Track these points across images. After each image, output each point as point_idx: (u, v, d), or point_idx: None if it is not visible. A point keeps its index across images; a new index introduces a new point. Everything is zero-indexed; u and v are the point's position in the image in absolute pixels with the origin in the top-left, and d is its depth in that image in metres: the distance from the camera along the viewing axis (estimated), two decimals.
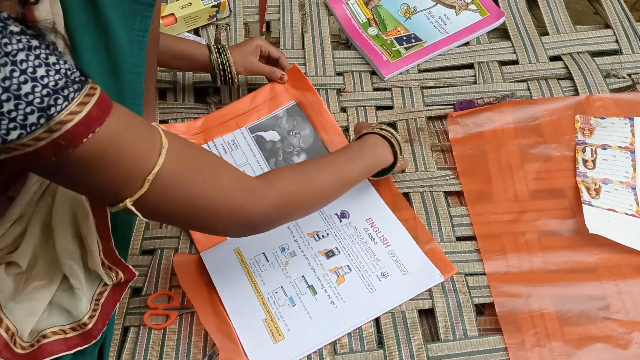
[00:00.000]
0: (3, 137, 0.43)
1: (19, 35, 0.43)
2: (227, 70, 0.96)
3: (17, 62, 0.43)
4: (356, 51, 1.11)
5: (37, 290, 0.68)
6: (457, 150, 0.96)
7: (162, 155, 0.53)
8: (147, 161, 0.52)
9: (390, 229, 0.87)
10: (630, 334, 0.77)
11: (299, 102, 1.00)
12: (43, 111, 0.44)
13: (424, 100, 1.04)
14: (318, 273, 0.83)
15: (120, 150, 0.50)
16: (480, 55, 1.09)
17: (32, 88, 0.43)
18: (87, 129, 0.47)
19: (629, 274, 0.82)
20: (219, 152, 0.97)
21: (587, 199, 0.88)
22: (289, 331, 0.77)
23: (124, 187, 0.52)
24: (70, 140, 0.46)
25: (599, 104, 1.00)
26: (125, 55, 0.66)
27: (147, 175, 0.52)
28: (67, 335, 0.68)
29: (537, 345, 0.75)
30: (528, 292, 0.80)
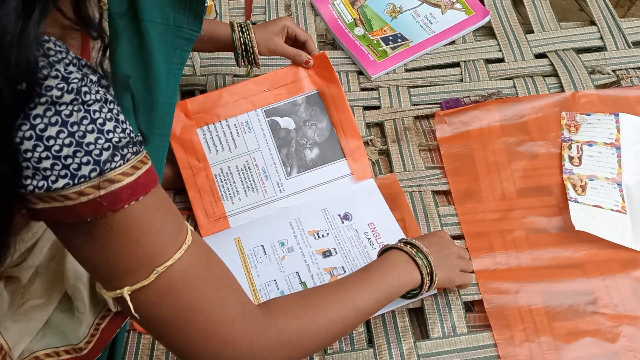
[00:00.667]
0: (50, 183, 0.41)
1: (96, 86, 0.43)
2: (249, 50, 0.92)
3: (90, 112, 0.42)
4: (343, 51, 1.11)
5: (35, 309, 0.66)
6: (445, 149, 0.97)
7: (181, 250, 0.48)
8: (164, 251, 0.47)
9: (391, 237, 0.85)
10: (618, 327, 0.77)
11: (320, 92, 0.96)
12: (97, 165, 0.42)
13: (411, 99, 1.04)
14: (312, 271, 0.83)
15: (146, 228, 0.46)
16: (466, 54, 1.10)
17: (96, 139, 0.42)
18: (132, 195, 0.44)
19: (616, 269, 0.83)
20: (232, 133, 0.92)
21: (573, 196, 0.89)
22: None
23: (129, 273, 0.47)
24: (113, 202, 0.43)
25: (584, 100, 1.01)
26: (162, 88, 0.66)
27: (157, 266, 0.47)
28: (59, 357, 0.66)
29: (526, 341, 0.76)
30: (516, 289, 0.80)
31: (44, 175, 0.41)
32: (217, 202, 0.89)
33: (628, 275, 0.82)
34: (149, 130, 0.67)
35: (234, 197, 0.90)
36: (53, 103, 0.40)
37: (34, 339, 0.66)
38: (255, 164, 0.91)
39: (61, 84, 0.40)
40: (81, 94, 0.41)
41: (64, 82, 0.40)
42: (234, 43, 0.92)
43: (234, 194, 0.90)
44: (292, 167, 0.92)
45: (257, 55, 0.92)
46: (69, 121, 0.41)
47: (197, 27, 0.68)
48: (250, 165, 0.91)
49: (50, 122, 0.40)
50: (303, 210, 0.90)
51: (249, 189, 0.90)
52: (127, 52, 0.62)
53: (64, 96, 0.40)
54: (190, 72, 1.08)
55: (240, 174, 0.91)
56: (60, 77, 0.40)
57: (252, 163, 0.91)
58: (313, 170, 0.92)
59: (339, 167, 0.93)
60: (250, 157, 0.92)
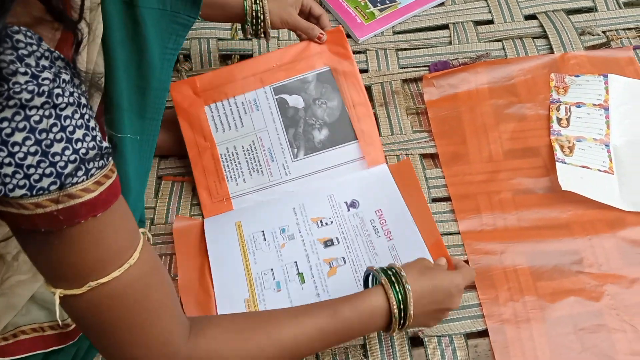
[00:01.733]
0: (7, 190, 0.39)
1: (71, 86, 0.40)
2: (260, 19, 0.86)
3: (61, 118, 0.40)
4: (330, 14, 1.09)
5: (20, 284, 0.64)
6: (432, 112, 0.96)
7: (121, 270, 0.46)
8: (103, 268, 0.46)
9: (398, 222, 0.81)
10: (602, 286, 0.78)
11: (332, 69, 0.91)
12: (59, 178, 0.40)
13: (399, 62, 1.03)
14: (311, 261, 0.79)
15: (93, 244, 0.45)
16: (455, 16, 1.08)
17: (63, 150, 0.40)
18: (90, 211, 0.43)
19: (602, 229, 0.83)
20: (239, 111, 0.89)
21: (560, 157, 0.88)
22: None
23: (65, 279, 0.46)
24: (69, 217, 0.42)
25: (573, 62, 1.00)
26: (155, 73, 0.64)
27: (92, 281, 0.46)
28: (44, 333, 0.65)
29: (510, 300, 0.77)
30: (502, 249, 0.81)
31: (2, 181, 0.39)
32: (222, 183, 0.87)
33: (614, 235, 0.82)
34: (141, 115, 0.66)
35: (239, 178, 0.87)
36: (22, 107, 0.38)
37: (18, 314, 0.64)
38: (261, 144, 0.88)
39: (31, 86, 0.38)
40: (53, 96, 0.39)
41: (35, 83, 0.38)
42: (244, 11, 0.86)
43: (238, 175, 0.87)
44: (299, 148, 0.88)
45: (268, 25, 0.87)
46: (38, 128, 0.39)
47: (194, 13, 0.66)
48: (257, 145, 0.88)
49: (17, 128, 0.38)
50: (308, 195, 0.86)
51: (253, 171, 0.87)
52: (121, 37, 0.60)
53: (34, 99, 0.38)
54: None
55: (246, 154, 0.88)
56: (29, 74, 0.38)
57: (259, 143, 0.88)
58: (321, 152, 0.88)
59: (349, 150, 0.88)
60: (256, 136, 0.89)
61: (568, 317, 0.75)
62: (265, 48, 1.03)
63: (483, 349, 0.73)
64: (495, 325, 0.75)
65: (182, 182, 0.90)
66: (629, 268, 0.79)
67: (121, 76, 0.61)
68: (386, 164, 0.88)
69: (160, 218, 0.86)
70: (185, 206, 0.87)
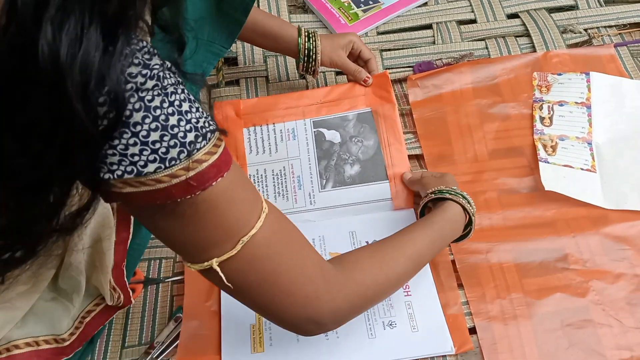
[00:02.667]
0: (139, 168, 0.42)
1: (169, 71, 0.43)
2: (312, 57, 0.90)
3: (168, 94, 0.42)
4: (314, 15, 1.10)
5: (20, 296, 0.63)
6: (417, 113, 0.96)
7: (262, 219, 0.50)
8: (247, 222, 0.49)
9: (418, 277, 0.75)
10: (588, 282, 0.79)
11: (374, 111, 0.92)
12: (184, 147, 0.43)
13: (384, 63, 1.03)
14: None
15: (230, 203, 0.48)
16: (438, 16, 1.09)
17: (178, 121, 0.42)
18: (218, 172, 0.45)
19: (586, 226, 0.84)
20: (276, 137, 0.91)
21: (543, 156, 0.89)
22: (270, 346, 0.72)
23: (216, 245, 0.49)
24: (201, 181, 0.44)
25: (556, 60, 1.01)
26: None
27: (243, 236, 0.49)
28: (39, 347, 0.64)
29: (497, 298, 0.77)
30: (488, 248, 0.82)
31: (131, 161, 0.41)
32: None
33: (598, 232, 0.83)
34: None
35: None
36: (137, 90, 0.40)
37: (14, 327, 0.64)
38: (291, 171, 0.88)
39: (144, 71, 0.41)
40: (161, 79, 0.42)
41: (147, 69, 0.41)
42: (297, 47, 0.90)
43: (263, 195, 0.86)
44: (328, 180, 0.87)
45: (318, 63, 0.91)
46: (152, 106, 0.41)
47: (228, 44, 0.69)
48: (286, 172, 0.88)
49: (134, 109, 0.40)
50: (330, 228, 0.84)
51: (279, 195, 0.87)
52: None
53: (147, 82, 0.41)
54: None
55: (275, 178, 0.88)
56: (142, 64, 0.40)
57: (289, 169, 0.88)
58: (350, 187, 0.86)
59: (379, 188, 0.86)
60: (288, 163, 0.89)
61: (554, 313, 0.77)
62: (251, 53, 1.03)
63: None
64: (483, 323, 0.76)
65: None
66: (613, 264, 0.81)
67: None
68: (414, 209, 0.85)
69: None
70: None
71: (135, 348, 0.74)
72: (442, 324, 0.74)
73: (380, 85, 0.94)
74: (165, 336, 0.73)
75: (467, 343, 0.73)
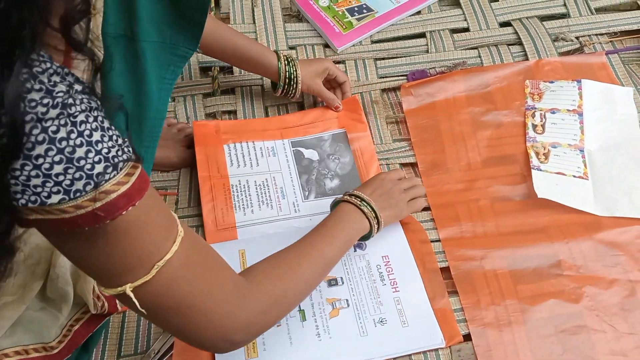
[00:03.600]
0: (43, 199, 0.41)
1: (80, 95, 0.41)
2: (292, 85, 0.94)
3: (77, 124, 0.41)
4: (308, 24, 1.10)
5: (7, 306, 0.64)
6: (411, 121, 0.97)
7: (177, 242, 0.50)
8: (162, 246, 0.49)
9: (404, 274, 0.80)
10: (582, 288, 0.80)
11: (347, 131, 0.96)
12: (91, 179, 0.42)
13: (378, 72, 1.04)
14: (314, 299, 0.77)
15: (142, 229, 0.47)
16: (431, 24, 1.10)
17: (86, 153, 0.41)
18: (129, 202, 0.45)
19: (579, 232, 0.85)
20: (257, 154, 0.93)
21: (536, 164, 0.90)
22: (264, 351, 0.73)
23: (130, 271, 0.48)
24: (110, 211, 0.44)
25: (548, 68, 1.02)
26: (153, 103, 0.67)
27: (157, 261, 0.49)
28: (28, 355, 0.64)
29: (492, 304, 0.78)
30: (482, 255, 0.82)
31: (34, 191, 0.40)
32: (229, 211, 0.86)
33: (590, 238, 0.84)
34: (137, 143, 0.67)
35: (247, 208, 0.87)
36: (39, 120, 0.39)
37: (3, 336, 0.64)
38: (274, 183, 0.90)
39: (46, 99, 0.39)
40: (67, 107, 0.40)
41: (49, 97, 0.39)
42: (277, 74, 0.93)
43: (247, 205, 0.87)
44: (310, 191, 0.90)
45: (298, 91, 0.94)
46: (57, 137, 0.40)
47: (193, 45, 0.68)
48: (269, 183, 0.90)
49: (37, 141, 0.39)
50: None
51: (263, 204, 0.88)
52: (120, 70, 0.63)
53: (49, 112, 0.39)
54: None
55: (258, 188, 0.89)
56: (44, 89, 0.39)
57: (272, 182, 0.90)
58: (332, 197, 0.88)
59: None
60: (270, 176, 0.91)
61: (549, 319, 0.77)
62: None
63: (466, 352, 0.74)
64: (478, 329, 0.76)
65: (165, 196, 0.90)
66: (606, 270, 0.81)
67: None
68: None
69: None
70: None
71: (131, 357, 0.74)
72: (431, 318, 0.76)
73: (351, 109, 0.98)
74: (161, 345, 0.73)
75: (456, 335, 0.75)
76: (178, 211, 0.88)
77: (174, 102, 1.01)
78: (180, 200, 0.90)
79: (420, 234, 0.85)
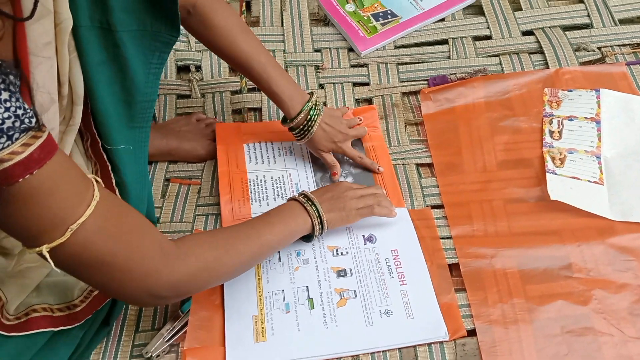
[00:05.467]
0: None
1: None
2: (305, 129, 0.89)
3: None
4: (334, 28, 1.14)
5: (30, 270, 0.70)
6: (429, 125, 1.00)
7: (91, 207, 0.53)
8: (74, 210, 0.52)
9: (412, 268, 0.82)
10: (591, 291, 0.80)
11: (362, 140, 0.99)
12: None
13: (399, 76, 1.07)
14: (323, 289, 0.80)
15: (50, 195, 0.50)
16: (454, 31, 1.12)
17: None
18: (25, 170, 0.47)
19: (592, 236, 0.85)
20: (275, 153, 0.97)
21: (551, 168, 0.91)
22: (272, 335, 0.76)
23: (44, 233, 0.51)
24: (5, 178, 0.47)
25: (567, 76, 1.03)
26: (140, 87, 0.70)
27: (71, 224, 0.52)
28: (54, 314, 0.70)
29: (499, 302, 0.79)
30: (492, 254, 0.84)
31: None
32: (245, 203, 0.90)
33: (603, 242, 0.85)
34: (130, 125, 0.73)
35: (262, 200, 0.91)
36: None
37: (30, 295, 0.70)
38: (290, 179, 0.94)
39: None
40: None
41: None
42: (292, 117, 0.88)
43: (263, 197, 0.91)
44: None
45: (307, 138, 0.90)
46: None
47: (174, 32, 0.71)
48: (285, 179, 0.94)
49: None
50: None
51: (278, 197, 0.91)
52: (100, 59, 0.66)
53: None
54: (186, 47, 1.11)
55: (274, 183, 0.93)
56: None
57: (287, 177, 0.94)
58: None
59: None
60: (286, 172, 0.95)
61: (556, 320, 0.78)
62: None
63: (471, 347, 0.76)
64: (484, 326, 0.77)
65: (189, 185, 0.95)
66: (617, 274, 0.82)
67: (105, 93, 0.68)
68: (407, 208, 0.90)
69: (166, 217, 0.90)
70: (190, 207, 0.92)
71: (148, 333, 0.78)
72: (436, 311, 0.78)
73: (368, 121, 1.00)
74: (174, 323, 0.77)
75: (460, 329, 0.77)
76: (200, 199, 0.93)
77: (203, 98, 1.06)
78: (203, 190, 0.94)
79: (431, 230, 0.87)
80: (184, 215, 0.91)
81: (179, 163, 0.98)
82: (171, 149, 0.96)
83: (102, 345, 0.76)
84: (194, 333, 0.76)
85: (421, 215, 0.89)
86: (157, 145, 0.95)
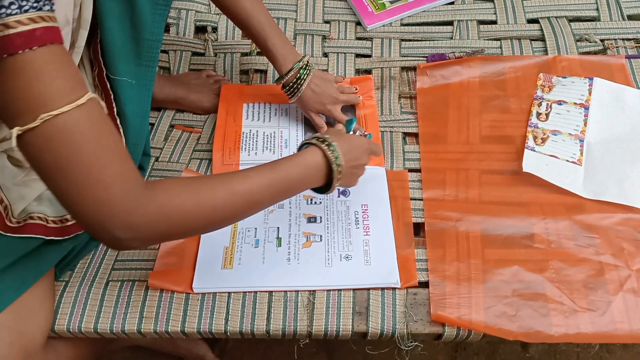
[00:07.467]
0: None
1: None
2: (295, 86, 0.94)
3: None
4: (346, 2, 1.20)
5: (34, 181, 0.79)
6: (421, 98, 1.04)
7: (71, 105, 0.52)
8: (52, 101, 0.51)
9: (378, 222, 0.87)
10: (549, 261, 0.83)
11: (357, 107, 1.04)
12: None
13: (401, 51, 1.12)
14: (292, 231, 0.87)
15: (36, 75, 0.51)
16: (461, 14, 1.16)
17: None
18: (26, 43, 0.49)
19: (560, 212, 0.88)
20: (271, 112, 1.04)
21: (531, 145, 0.94)
22: (239, 264, 0.83)
23: (18, 115, 0.51)
24: (5, 46, 0.48)
25: (564, 64, 1.06)
26: (147, 26, 0.76)
27: (43, 113, 0.51)
28: (47, 224, 0.78)
29: (456, 260, 0.83)
30: (458, 217, 0.88)
31: None
32: (236, 151, 0.98)
33: (569, 218, 0.87)
34: (137, 62, 0.80)
35: (252, 150, 0.99)
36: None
37: (31, 204, 0.79)
38: (280, 136, 1.01)
39: None
40: None
41: None
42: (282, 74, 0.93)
43: (252, 147, 0.99)
44: None
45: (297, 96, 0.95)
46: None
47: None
48: (276, 135, 1.01)
49: None
50: None
51: (266, 149, 0.99)
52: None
53: None
54: (206, 10, 1.19)
55: (265, 138, 1.01)
56: None
57: (278, 134, 1.01)
58: None
59: None
60: (278, 130, 1.02)
61: (508, 283, 0.81)
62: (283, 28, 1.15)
63: (422, 297, 0.80)
64: (437, 279, 0.82)
65: (190, 132, 1.03)
66: (578, 249, 0.84)
67: (114, 26, 0.74)
68: (385, 168, 0.95)
69: (164, 157, 0.99)
70: (188, 151, 1.00)
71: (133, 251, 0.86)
72: (393, 261, 0.83)
73: (363, 90, 1.05)
74: None
75: (412, 279, 0.81)
76: (197, 145, 1.01)
77: (215, 57, 1.14)
78: (202, 137, 1.02)
79: (404, 191, 0.92)
80: (180, 157, 0.99)
81: (185, 113, 1.06)
82: (178, 97, 1.05)
83: (90, 255, 0.85)
84: (163, 259, 0.84)
85: (397, 177, 0.93)
86: (167, 92, 1.04)
